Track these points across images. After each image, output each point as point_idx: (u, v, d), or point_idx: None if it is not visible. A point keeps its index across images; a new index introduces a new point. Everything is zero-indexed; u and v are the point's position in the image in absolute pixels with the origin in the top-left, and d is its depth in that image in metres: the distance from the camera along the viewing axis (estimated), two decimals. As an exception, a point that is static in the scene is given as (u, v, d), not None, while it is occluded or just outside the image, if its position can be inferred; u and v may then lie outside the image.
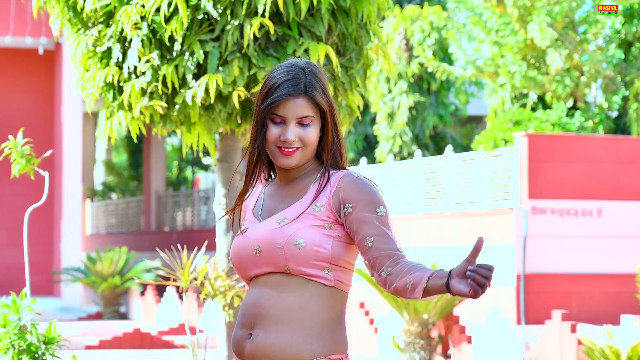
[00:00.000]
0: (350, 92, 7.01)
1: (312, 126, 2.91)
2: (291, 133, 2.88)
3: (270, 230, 2.88)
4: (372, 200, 2.88)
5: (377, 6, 6.96)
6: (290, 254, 2.84)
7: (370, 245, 2.84)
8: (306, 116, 2.90)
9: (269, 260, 2.87)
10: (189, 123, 6.91)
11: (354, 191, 2.88)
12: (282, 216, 2.89)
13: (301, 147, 2.90)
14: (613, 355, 8.94)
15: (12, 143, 6.43)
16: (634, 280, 14.77)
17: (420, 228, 17.16)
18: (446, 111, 21.40)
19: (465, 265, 2.64)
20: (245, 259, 2.91)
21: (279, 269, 2.86)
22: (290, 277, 2.86)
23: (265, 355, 2.84)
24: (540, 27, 16.74)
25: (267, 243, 2.87)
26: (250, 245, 2.90)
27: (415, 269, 2.75)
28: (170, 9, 6.47)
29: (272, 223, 2.89)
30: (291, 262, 2.84)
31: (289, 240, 2.84)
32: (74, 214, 19.53)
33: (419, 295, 2.71)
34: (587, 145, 15.50)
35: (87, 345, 13.16)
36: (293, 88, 2.89)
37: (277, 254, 2.85)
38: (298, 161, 2.91)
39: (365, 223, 2.85)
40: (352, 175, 2.91)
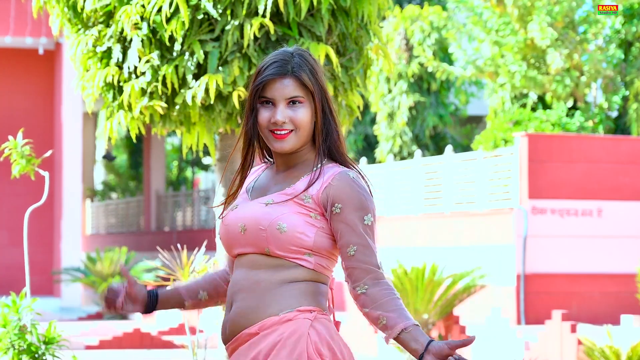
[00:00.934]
0: (350, 92, 7.01)
1: (303, 107, 2.88)
2: (280, 114, 2.86)
3: (256, 210, 2.87)
4: (362, 206, 2.85)
5: (377, 6, 6.95)
6: (272, 237, 2.83)
7: (351, 254, 2.84)
8: (295, 96, 2.87)
9: (252, 240, 2.86)
10: (189, 123, 6.91)
11: (346, 193, 2.85)
12: (269, 198, 2.88)
13: (294, 129, 2.87)
14: (613, 355, 8.94)
15: (12, 144, 6.42)
16: (634, 280, 14.77)
17: (420, 228, 17.15)
18: (446, 111, 21.40)
19: (446, 350, 2.69)
20: (231, 235, 2.91)
21: (260, 250, 2.85)
22: (269, 258, 2.85)
23: (239, 325, 2.86)
24: (541, 27, 16.74)
25: (251, 222, 2.86)
26: (237, 222, 2.90)
27: (392, 306, 2.77)
28: (171, 9, 6.48)
29: (260, 204, 2.88)
30: (272, 245, 2.84)
31: (272, 223, 2.83)
32: (74, 214, 19.53)
33: (386, 339, 2.77)
34: (587, 145, 15.50)
35: (87, 345, 13.16)
36: (279, 68, 2.87)
37: (259, 235, 2.85)
38: (292, 145, 2.88)
39: (350, 229, 2.84)
40: (348, 175, 2.88)
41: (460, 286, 11.67)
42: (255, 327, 2.84)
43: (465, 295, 11.65)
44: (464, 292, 11.59)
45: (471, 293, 11.70)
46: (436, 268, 11.39)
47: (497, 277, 14.96)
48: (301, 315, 2.83)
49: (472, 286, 11.64)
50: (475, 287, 11.69)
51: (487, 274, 11.94)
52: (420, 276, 11.31)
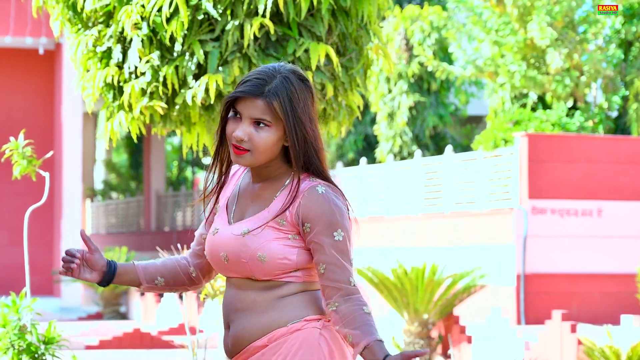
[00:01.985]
0: (350, 92, 7.01)
1: (266, 131, 2.84)
2: (241, 131, 2.84)
3: (233, 241, 2.88)
4: (331, 222, 2.83)
5: (377, 6, 6.95)
6: (255, 267, 2.85)
7: (322, 272, 2.85)
8: (261, 119, 2.84)
9: (236, 268, 2.89)
10: (189, 123, 6.91)
11: (314, 211, 2.84)
12: (245, 226, 2.87)
13: (251, 149, 2.85)
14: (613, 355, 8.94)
15: (13, 145, 6.42)
16: (634, 280, 14.76)
17: (420, 228, 17.15)
18: (446, 111, 21.40)
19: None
20: (216, 262, 2.94)
21: (246, 276, 2.88)
22: (257, 282, 2.88)
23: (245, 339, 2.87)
24: (540, 27, 16.74)
25: (231, 254, 2.88)
26: (218, 250, 2.91)
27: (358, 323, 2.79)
28: (171, 9, 6.47)
29: (237, 231, 2.88)
30: (256, 273, 2.86)
31: (252, 255, 2.84)
32: (74, 214, 19.53)
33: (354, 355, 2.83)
34: (587, 145, 15.50)
35: (87, 345, 13.16)
36: (254, 88, 2.85)
37: (242, 266, 2.87)
38: (248, 162, 2.87)
39: (319, 247, 2.84)
40: (316, 190, 2.85)
41: (460, 286, 11.67)
42: (264, 339, 2.86)
43: (465, 295, 11.65)
44: (464, 292, 11.59)
45: (471, 293, 11.70)
46: (436, 268, 11.39)
47: (497, 277, 14.96)
48: (309, 325, 2.85)
49: (472, 286, 11.64)
50: (475, 287, 11.69)
51: (487, 274, 11.94)
52: (420, 276, 11.31)
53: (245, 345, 2.87)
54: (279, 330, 2.84)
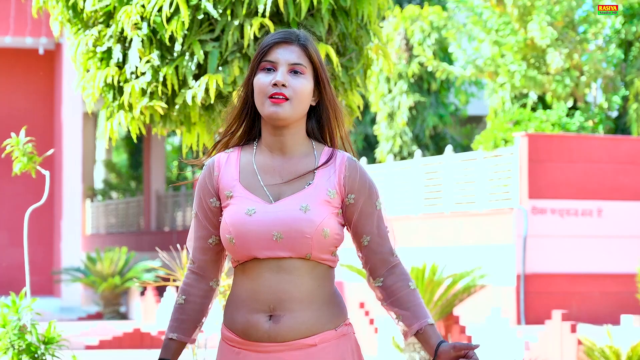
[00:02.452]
0: (350, 92, 7.01)
1: (304, 78, 2.85)
2: (281, 76, 2.81)
3: (295, 217, 2.81)
4: (372, 192, 2.91)
5: (377, 6, 6.95)
6: (317, 243, 2.82)
7: (365, 244, 2.89)
8: (299, 64, 2.84)
9: (290, 246, 2.82)
10: (189, 123, 6.91)
11: (358, 181, 2.89)
12: (303, 202, 2.83)
13: (290, 97, 2.82)
14: (613, 355, 8.94)
15: (14, 141, 6.43)
16: (634, 280, 14.76)
17: (420, 228, 17.15)
18: (446, 111, 21.40)
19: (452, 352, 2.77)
20: (257, 242, 2.83)
21: (299, 255, 2.83)
22: (305, 261, 2.84)
23: (295, 334, 2.83)
24: (540, 27, 16.74)
25: (292, 231, 2.81)
26: (267, 229, 2.82)
27: (407, 303, 2.85)
28: (171, 9, 6.47)
29: (293, 208, 2.82)
30: (315, 250, 2.83)
31: (317, 230, 2.81)
32: (74, 214, 19.53)
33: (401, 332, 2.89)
34: (587, 145, 15.50)
35: (87, 345, 13.16)
36: (286, 35, 2.87)
37: (303, 242, 2.81)
38: (287, 114, 2.82)
39: (365, 218, 2.88)
40: (355, 162, 2.90)
41: (460, 286, 11.67)
42: (316, 339, 2.85)
43: (465, 295, 11.65)
44: (464, 292, 11.59)
45: (471, 293, 11.70)
46: (436, 268, 11.39)
47: (497, 277, 14.96)
48: (350, 329, 2.91)
49: (472, 286, 11.64)
50: (475, 287, 11.69)
51: (487, 274, 11.94)
52: (420, 276, 11.31)
53: (293, 338, 2.84)
54: (329, 332, 2.86)
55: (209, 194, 2.93)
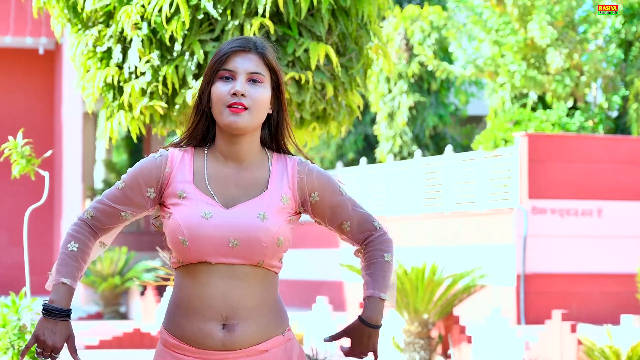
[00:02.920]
0: (350, 92, 7.01)
1: (263, 87, 2.83)
2: (240, 84, 2.80)
3: (252, 225, 2.81)
4: (334, 182, 2.94)
5: (377, 6, 6.95)
6: (271, 251, 2.83)
7: (347, 229, 2.94)
8: (257, 72, 2.83)
9: (245, 254, 2.81)
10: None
11: (317, 179, 2.91)
12: (260, 209, 2.82)
13: (249, 107, 2.80)
14: (613, 355, 8.94)
15: (12, 144, 6.42)
16: (634, 280, 14.76)
17: (420, 228, 17.15)
18: (446, 111, 21.40)
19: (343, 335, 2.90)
20: (211, 247, 2.80)
21: (251, 262, 2.82)
22: (256, 268, 2.84)
23: (248, 341, 2.84)
24: (541, 26, 16.74)
25: (249, 238, 2.80)
26: (224, 235, 2.80)
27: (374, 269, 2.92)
28: (171, 9, 6.47)
29: (250, 216, 2.82)
30: (267, 258, 2.84)
31: (273, 239, 2.82)
32: (74, 214, 19.53)
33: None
34: (587, 145, 15.50)
35: (87, 345, 13.16)
36: (244, 42, 2.85)
37: (258, 250, 2.81)
38: (246, 123, 2.81)
39: (338, 207, 2.92)
40: (304, 162, 2.92)
41: (460, 286, 11.66)
42: (267, 344, 2.87)
43: (465, 295, 11.65)
44: (464, 292, 11.59)
45: (471, 293, 11.69)
46: (436, 268, 11.39)
47: (497, 277, 14.96)
48: (292, 334, 2.95)
49: (472, 286, 11.63)
50: (475, 287, 11.69)
51: (487, 274, 11.94)
52: (420, 276, 11.31)
53: (247, 346, 2.85)
54: (278, 337, 2.89)
55: (149, 183, 2.88)
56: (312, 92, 6.72)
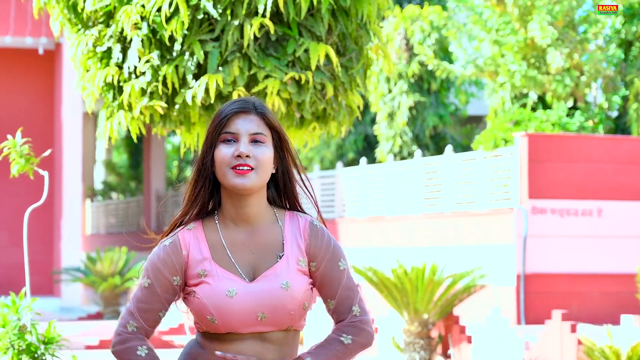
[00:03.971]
0: (350, 92, 7.01)
1: (265, 146, 2.83)
2: (244, 146, 2.79)
3: (278, 296, 2.81)
4: (336, 254, 2.90)
5: (377, 6, 6.95)
6: (298, 316, 2.86)
7: (331, 308, 2.92)
8: (259, 133, 2.83)
9: (274, 323, 2.84)
10: (188, 123, 6.91)
11: (319, 247, 2.89)
12: (282, 279, 2.82)
13: (255, 167, 2.80)
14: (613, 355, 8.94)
15: (11, 143, 6.42)
16: (634, 280, 14.76)
17: (420, 228, 17.15)
18: (446, 111, 21.40)
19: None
20: (240, 322, 2.82)
21: (280, 328, 2.85)
22: (286, 332, 2.87)
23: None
24: (541, 26, 16.74)
25: (276, 310, 2.82)
26: (251, 310, 2.81)
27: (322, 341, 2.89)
28: (171, 9, 6.47)
29: (274, 287, 2.82)
30: (295, 322, 2.87)
31: (299, 305, 2.84)
32: (74, 214, 19.53)
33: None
34: (587, 145, 15.50)
35: (87, 345, 13.15)
36: (243, 104, 2.85)
37: (286, 318, 2.84)
38: (252, 183, 2.79)
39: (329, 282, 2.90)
40: (315, 225, 2.90)
41: (460, 286, 11.66)
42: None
43: (465, 295, 11.65)
44: (464, 292, 11.59)
45: (471, 293, 11.69)
46: (436, 268, 11.39)
47: (497, 277, 14.96)
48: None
49: (472, 286, 11.63)
50: (475, 287, 11.68)
51: (487, 274, 11.93)
52: (420, 276, 11.31)
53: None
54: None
55: (173, 272, 2.88)
56: (312, 92, 6.72)
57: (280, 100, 6.63)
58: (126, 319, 2.89)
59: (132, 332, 2.88)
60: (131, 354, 2.86)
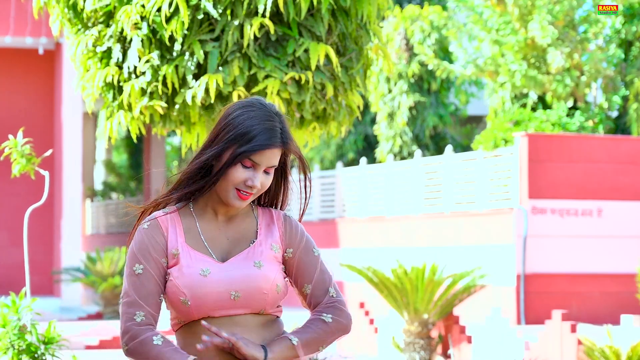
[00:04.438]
0: (350, 92, 7.01)
1: (272, 174, 2.90)
2: (258, 180, 2.85)
3: (251, 274, 2.85)
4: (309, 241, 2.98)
5: (377, 6, 6.95)
6: (271, 298, 2.88)
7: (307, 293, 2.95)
8: (274, 165, 2.89)
9: (247, 304, 2.85)
10: (188, 123, 6.91)
11: (294, 235, 2.96)
12: (255, 258, 2.87)
13: (256, 192, 2.88)
14: (613, 355, 8.94)
15: (12, 143, 6.43)
16: (634, 280, 14.76)
17: (420, 228, 17.15)
18: (446, 111, 21.40)
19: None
20: (214, 303, 2.83)
21: (253, 311, 2.87)
22: (258, 316, 2.89)
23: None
24: (541, 26, 16.74)
25: (250, 288, 2.84)
26: (224, 289, 2.83)
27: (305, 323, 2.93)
28: (171, 9, 6.47)
29: (247, 265, 2.86)
30: (268, 305, 2.89)
31: (272, 285, 2.87)
32: (74, 214, 19.53)
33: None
34: (587, 145, 15.50)
35: (87, 345, 13.15)
36: (275, 139, 2.86)
37: (259, 299, 2.86)
38: (246, 203, 2.89)
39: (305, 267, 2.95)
40: (289, 216, 2.98)
41: (460, 286, 11.66)
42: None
43: (465, 295, 11.65)
44: (464, 292, 11.59)
45: (471, 293, 11.69)
46: (436, 268, 11.39)
47: (497, 277, 14.96)
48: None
49: (472, 286, 11.63)
50: (475, 287, 11.69)
51: (487, 274, 11.93)
52: (420, 276, 11.31)
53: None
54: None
55: (160, 253, 2.88)
56: (312, 92, 6.72)
57: (280, 100, 6.64)
58: (131, 312, 2.86)
59: (141, 322, 2.86)
60: (149, 347, 2.85)
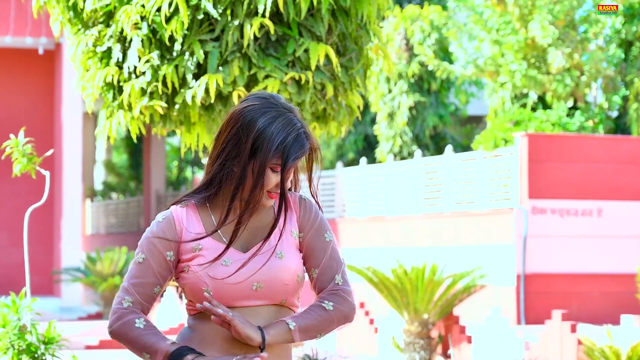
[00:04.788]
0: (350, 92, 7.01)
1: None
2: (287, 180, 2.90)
3: (273, 265, 2.85)
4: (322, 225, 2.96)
5: (377, 6, 6.95)
6: (292, 289, 2.89)
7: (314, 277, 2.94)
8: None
9: (269, 294, 2.86)
10: (188, 123, 6.91)
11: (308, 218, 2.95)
12: (277, 248, 2.87)
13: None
14: (613, 355, 8.94)
15: (13, 142, 6.43)
16: (634, 280, 14.76)
17: (420, 228, 17.15)
18: (446, 111, 21.40)
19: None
20: (235, 293, 2.84)
21: (274, 302, 2.87)
22: (279, 307, 2.89)
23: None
24: (542, 26, 16.74)
25: (271, 279, 2.84)
26: (246, 279, 2.83)
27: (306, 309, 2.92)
28: (171, 9, 6.47)
29: (269, 256, 2.86)
30: (289, 296, 2.89)
31: (293, 276, 2.88)
32: (74, 214, 19.53)
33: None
34: (587, 145, 15.50)
35: (87, 345, 13.16)
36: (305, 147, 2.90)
37: (281, 290, 2.86)
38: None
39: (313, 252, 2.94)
40: (304, 198, 2.98)
41: (460, 286, 11.67)
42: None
43: (465, 295, 11.65)
44: (464, 292, 11.59)
45: (471, 293, 11.70)
46: (436, 268, 11.39)
47: (497, 277, 14.96)
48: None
49: (472, 286, 11.64)
50: (475, 287, 11.69)
51: (487, 274, 11.94)
52: (420, 276, 11.31)
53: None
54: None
55: (167, 247, 2.89)
56: (312, 92, 6.72)
57: (280, 100, 6.63)
58: (121, 297, 2.90)
59: (127, 307, 2.88)
60: (130, 328, 2.86)
